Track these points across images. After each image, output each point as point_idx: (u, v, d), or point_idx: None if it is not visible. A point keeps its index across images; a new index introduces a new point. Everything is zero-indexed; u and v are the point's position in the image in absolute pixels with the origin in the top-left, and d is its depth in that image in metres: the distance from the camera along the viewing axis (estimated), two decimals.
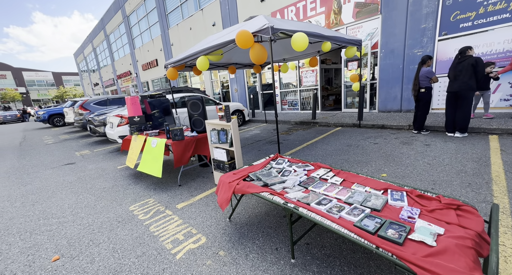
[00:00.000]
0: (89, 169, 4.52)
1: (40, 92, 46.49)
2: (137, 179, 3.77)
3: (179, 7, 13.18)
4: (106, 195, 3.22)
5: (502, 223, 1.92)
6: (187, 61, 4.31)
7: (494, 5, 4.90)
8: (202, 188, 3.21)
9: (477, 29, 5.18)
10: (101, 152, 5.86)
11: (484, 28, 5.10)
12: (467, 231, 1.17)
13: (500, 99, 5.25)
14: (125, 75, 21.82)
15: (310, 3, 7.66)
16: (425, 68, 4.40)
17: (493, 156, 3.26)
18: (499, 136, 4.07)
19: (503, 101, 5.23)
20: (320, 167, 2.31)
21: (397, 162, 3.41)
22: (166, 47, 15.13)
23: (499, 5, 4.84)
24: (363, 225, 1.33)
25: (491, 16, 4.98)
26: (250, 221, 2.33)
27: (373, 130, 5.40)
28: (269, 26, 2.84)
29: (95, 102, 7.91)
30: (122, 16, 18.93)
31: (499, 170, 2.81)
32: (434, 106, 6.11)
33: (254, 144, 5.38)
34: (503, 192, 2.36)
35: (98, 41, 25.53)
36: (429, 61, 4.41)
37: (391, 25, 6.22)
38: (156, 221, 2.48)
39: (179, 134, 3.27)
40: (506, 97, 5.17)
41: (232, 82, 11.71)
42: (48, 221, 2.63)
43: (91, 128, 6.50)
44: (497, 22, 4.94)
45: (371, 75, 7.06)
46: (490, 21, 5.01)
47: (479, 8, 5.07)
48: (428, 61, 4.40)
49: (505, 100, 5.20)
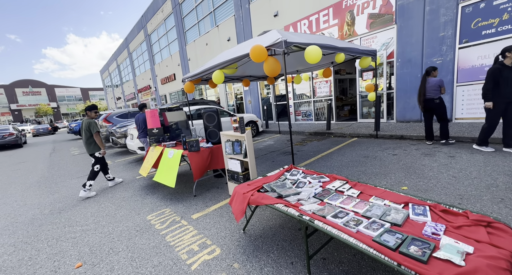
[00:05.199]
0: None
1: (69, 106, 50.22)
2: (154, 189, 3.89)
3: (196, 24, 13.97)
4: (126, 204, 3.34)
5: None
6: (203, 75, 4.51)
7: None
8: (217, 199, 3.23)
9: (502, 36, 4.96)
10: (122, 163, 6.14)
11: (510, 34, 4.87)
12: (500, 251, 1.09)
13: None
14: (145, 89, 23.08)
15: (323, 16, 7.81)
16: (435, 79, 4.31)
17: None
18: None
19: None
20: (335, 179, 2.26)
21: (419, 174, 3.24)
22: (183, 62, 15.92)
23: None
24: (382, 240, 1.27)
25: None
26: (265, 233, 2.30)
27: (392, 141, 5.21)
28: (282, 40, 2.93)
29: (118, 115, 8.40)
30: (144, 35, 20.36)
31: None
32: (458, 116, 5.81)
33: (268, 155, 5.38)
34: None
35: (122, 58, 27.48)
36: (434, 72, 4.38)
37: (407, 35, 6.13)
38: (172, 231, 2.52)
39: (195, 146, 3.37)
40: None
41: (246, 94, 11.97)
42: (72, 229, 2.77)
43: (113, 140, 6.86)
44: None
45: (388, 85, 6.91)
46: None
47: (503, 14, 4.88)
48: (433, 72, 4.37)
49: None
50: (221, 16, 12.10)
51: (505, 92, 3.51)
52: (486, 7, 5.04)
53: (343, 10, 7.26)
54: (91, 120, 3.84)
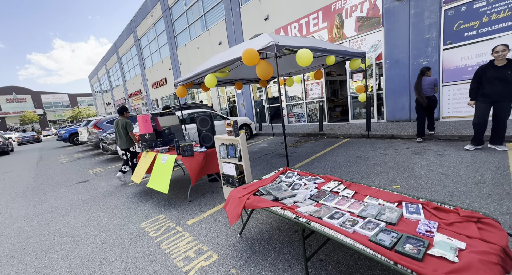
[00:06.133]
0: (102, 186, 4.61)
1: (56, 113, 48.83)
2: (147, 195, 3.81)
3: (187, 28, 13.94)
4: (118, 212, 3.26)
5: None
6: (195, 79, 4.49)
7: (498, 14, 4.93)
8: (212, 203, 3.20)
9: (482, 38, 5.19)
10: (113, 169, 6.00)
11: (489, 36, 5.10)
12: (491, 246, 1.12)
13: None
14: (135, 94, 22.75)
15: (313, 19, 7.95)
16: (430, 78, 4.62)
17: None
18: None
19: None
20: (330, 180, 2.28)
21: (410, 173, 3.31)
22: (174, 66, 15.82)
23: (503, 13, 4.88)
24: (378, 240, 1.29)
25: (495, 24, 5.00)
26: (262, 236, 2.28)
27: (383, 141, 5.31)
28: (274, 44, 2.96)
29: (108, 121, 8.22)
30: (134, 39, 20.13)
31: None
32: (445, 115, 6.00)
33: (262, 157, 5.38)
34: None
35: (111, 63, 27.04)
36: (428, 72, 4.66)
37: (394, 37, 6.32)
38: (167, 238, 2.47)
39: (189, 150, 3.34)
40: None
41: (238, 97, 11.98)
42: (62, 240, 2.67)
43: (103, 147, 6.70)
44: (502, 30, 4.95)
45: (377, 86, 7.08)
46: (495, 29, 5.02)
47: (483, 17, 5.11)
48: (427, 72, 4.65)
49: None
50: (212, 20, 12.13)
51: (487, 92, 3.55)
52: (467, 10, 5.27)
53: (332, 13, 7.42)
54: (126, 120, 4.37)
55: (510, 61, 3.37)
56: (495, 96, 3.53)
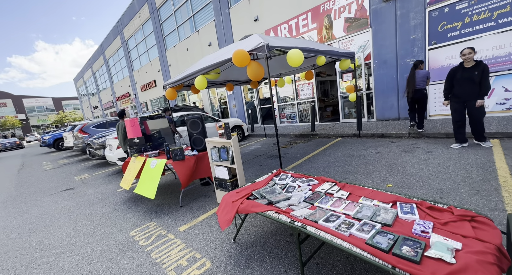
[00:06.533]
0: (88, 193, 4.43)
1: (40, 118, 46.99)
2: (137, 201, 3.68)
3: (175, 30, 13.74)
4: (106, 221, 3.12)
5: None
6: (185, 81, 4.40)
7: (479, 15, 5.12)
8: (205, 208, 3.12)
9: (464, 38, 5.37)
10: (101, 175, 5.78)
11: (471, 37, 5.28)
12: (486, 245, 1.12)
13: (496, 103, 5.31)
14: (124, 97, 22.20)
15: (302, 20, 8.00)
16: (423, 71, 4.78)
17: (498, 160, 3.22)
18: (500, 140, 4.05)
19: (499, 105, 5.28)
20: (324, 181, 2.26)
21: (401, 171, 3.35)
22: (164, 68, 15.55)
23: (483, 14, 5.06)
24: (375, 243, 1.26)
25: (477, 25, 5.18)
26: (256, 241, 2.23)
27: (374, 140, 5.38)
28: (264, 44, 2.92)
29: (95, 125, 7.94)
30: (121, 41, 19.66)
31: (506, 175, 2.76)
32: (432, 113, 6.16)
33: (255, 159, 5.33)
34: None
35: (97, 65, 26.29)
36: (421, 65, 4.81)
37: (381, 38, 6.44)
38: (158, 246, 2.37)
39: (180, 154, 3.25)
40: (501, 101, 5.23)
41: (230, 98, 11.90)
42: (45, 253, 2.52)
43: (90, 152, 6.46)
44: (483, 30, 5.13)
45: (367, 86, 7.19)
46: (476, 30, 5.20)
47: (464, 18, 5.29)
48: (420, 65, 4.80)
49: (501, 104, 5.26)
50: (201, 21, 12.00)
51: (456, 92, 3.74)
52: (450, 11, 5.44)
53: (321, 14, 7.50)
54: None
55: (477, 63, 3.54)
56: (464, 96, 3.69)
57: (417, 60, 4.85)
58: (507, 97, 5.18)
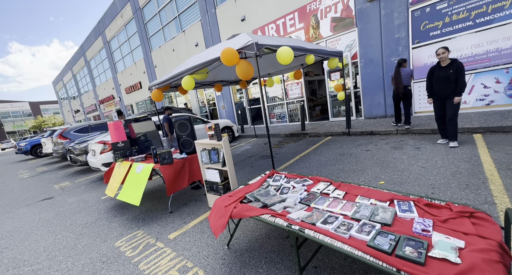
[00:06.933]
0: (69, 202, 4.15)
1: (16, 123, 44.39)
2: (123, 209, 3.48)
3: (160, 30, 13.39)
4: (89, 232, 2.91)
5: None
6: (172, 82, 4.24)
7: (458, 15, 5.31)
8: (196, 213, 2.99)
9: (445, 37, 5.56)
10: (83, 182, 5.47)
11: (451, 36, 5.48)
12: (489, 242, 1.09)
13: (475, 99, 5.53)
14: (107, 100, 21.38)
15: (289, 20, 8.01)
16: (407, 69, 5.07)
17: (482, 154, 3.32)
18: (482, 135, 4.20)
19: (479, 101, 5.50)
20: (319, 181, 2.21)
21: (392, 168, 3.38)
22: (149, 69, 15.11)
23: (462, 14, 5.26)
24: (377, 245, 1.21)
25: (456, 24, 5.38)
26: (251, 246, 2.14)
27: (363, 137, 5.45)
28: (253, 42, 2.85)
29: (76, 130, 7.52)
30: (103, 42, 18.93)
31: (492, 169, 2.84)
32: (417, 110, 6.33)
33: (246, 160, 5.24)
34: (502, 191, 2.35)
35: (78, 67, 25.17)
36: (404, 64, 5.11)
37: (367, 37, 6.55)
38: (146, 256, 2.22)
39: (168, 158, 3.10)
40: (481, 97, 5.46)
41: (218, 99, 11.73)
42: (19, 271, 2.30)
43: (71, 158, 6.10)
44: (462, 30, 5.33)
45: (354, 84, 7.29)
46: (456, 29, 5.40)
47: (445, 17, 5.47)
48: (404, 63, 5.09)
49: (480, 100, 5.48)
50: (187, 21, 11.76)
51: (435, 90, 3.85)
52: (431, 11, 5.62)
53: (307, 14, 7.53)
54: None
55: (452, 61, 3.63)
56: (442, 94, 3.80)
57: (401, 58, 5.10)
58: (485, 94, 5.41)
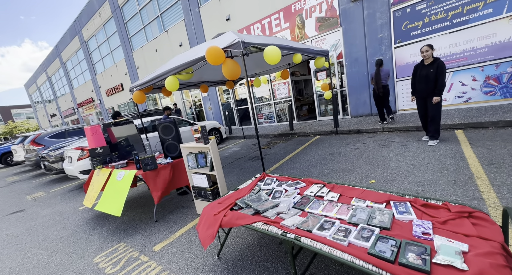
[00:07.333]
0: (43, 215, 3.81)
1: None
2: (104, 220, 3.23)
3: (142, 29, 12.90)
4: (63, 247, 2.65)
5: (498, 219, 1.89)
6: (154, 83, 4.01)
7: (436, 15, 5.50)
8: (183, 221, 2.82)
9: (425, 36, 5.74)
10: (59, 192, 5.07)
11: (430, 35, 5.67)
12: (492, 244, 1.05)
13: (454, 97, 5.75)
14: (87, 103, 20.35)
15: (275, 19, 7.97)
16: (385, 68, 5.48)
17: (465, 150, 3.41)
18: (463, 131, 4.35)
19: (458, 99, 5.73)
20: (312, 183, 2.13)
21: (381, 166, 3.39)
22: (131, 70, 14.53)
23: (440, 15, 5.45)
24: (378, 252, 1.14)
25: (434, 24, 5.57)
26: (243, 255, 2.02)
27: (351, 136, 5.49)
28: (239, 41, 2.73)
29: (51, 136, 7.00)
30: (80, 42, 17.98)
31: (476, 164, 2.91)
32: (401, 108, 6.50)
33: (235, 162, 5.10)
34: (488, 186, 2.39)
35: (53, 69, 23.74)
36: (382, 64, 5.46)
37: (351, 36, 6.64)
38: (128, 272, 2.04)
39: (151, 163, 2.90)
40: (459, 94, 5.69)
41: (205, 100, 11.47)
42: None
43: (46, 166, 5.66)
44: (440, 30, 5.53)
45: (340, 83, 7.37)
46: (435, 29, 5.59)
47: (424, 18, 5.65)
48: (382, 63, 5.41)
49: (459, 97, 5.71)
50: (170, 21, 11.41)
51: (417, 88, 3.88)
52: (411, 11, 5.78)
53: (292, 14, 7.52)
54: None
55: (434, 60, 3.63)
56: (423, 93, 3.82)
57: (379, 59, 5.38)
58: (463, 91, 5.64)
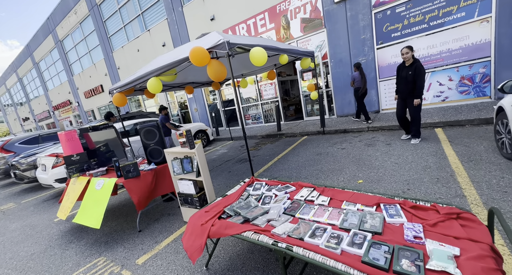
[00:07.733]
0: (12, 229, 3.49)
1: None
2: (82, 232, 3.01)
3: (122, 28, 12.38)
4: (35, 265, 2.43)
5: (480, 216, 1.95)
6: (136, 85, 3.81)
7: (414, 18, 5.72)
8: (169, 230, 2.69)
9: (404, 38, 5.95)
10: (32, 203, 4.70)
11: (410, 37, 5.88)
12: (482, 247, 1.05)
13: (433, 96, 6.01)
14: (63, 105, 19.24)
15: (260, 20, 7.93)
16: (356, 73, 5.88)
17: (446, 148, 3.55)
18: (443, 129, 4.54)
19: (436, 98, 6.00)
20: (302, 186, 2.09)
21: (368, 165, 3.44)
22: (111, 71, 13.91)
23: (418, 17, 5.67)
24: (372, 260, 1.11)
25: (413, 26, 5.78)
26: (232, 264, 1.94)
27: (337, 136, 5.57)
28: (225, 41, 2.65)
29: (22, 141, 6.50)
30: (54, 41, 16.95)
31: (456, 161, 3.02)
32: (384, 107, 6.69)
33: (222, 165, 5.00)
34: (468, 183, 2.48)
35: (24, 69, 22.22)
36: None
37: (336, 37, 6.75)
38: None
39: (133, 170, 2.74)
40: (437, 94, 5.95)
41: (190, 101, 11.21)
42: None
43: (16, 175, 5.23)
44: (418, 32, 5.76)
45: (325, 84, 7.48)
46: (413, 31, 5.81)
47: (403, 20, 5.86)
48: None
49: (437, 96, 5.97)
50: (152, 20, 11.04)
51: (398, 89, 4.00)
52: (392, 14, 5.97)
53: (277, 14, 7.53)
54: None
55: (414, 61, 3.72)
56: (403, 93, 3.95)
57: (358, 62, 5.76)
58: (441, 91, 5.91)
